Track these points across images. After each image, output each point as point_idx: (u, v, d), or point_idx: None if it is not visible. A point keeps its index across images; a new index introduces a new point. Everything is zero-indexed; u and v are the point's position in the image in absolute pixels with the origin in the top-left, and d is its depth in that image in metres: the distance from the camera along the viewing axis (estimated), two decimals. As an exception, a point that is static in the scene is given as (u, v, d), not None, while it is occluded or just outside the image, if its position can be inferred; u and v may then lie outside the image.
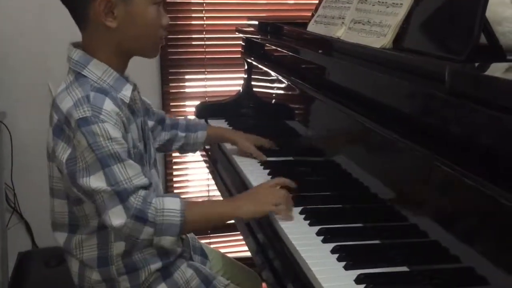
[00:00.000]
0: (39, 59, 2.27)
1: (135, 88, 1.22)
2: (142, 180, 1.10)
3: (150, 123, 1.43)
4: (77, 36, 1.20)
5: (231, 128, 1.87)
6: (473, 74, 0.79)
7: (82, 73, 1.14)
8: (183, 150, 1.58)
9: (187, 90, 2.53)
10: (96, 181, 1.06)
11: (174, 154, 2.50)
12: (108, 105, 1.10)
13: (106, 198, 1.07)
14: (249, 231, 1.24)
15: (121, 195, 1.07)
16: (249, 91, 2.08)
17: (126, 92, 1.17)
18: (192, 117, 2.29)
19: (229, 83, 2.50)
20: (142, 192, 1.09)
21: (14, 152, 2.28)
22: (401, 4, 1.18)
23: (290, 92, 1.72)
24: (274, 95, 1.89)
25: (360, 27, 1.32)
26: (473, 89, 0.73)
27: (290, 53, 1.62)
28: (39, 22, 2.25)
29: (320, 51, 1.33)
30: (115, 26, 1.13)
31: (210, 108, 2.06)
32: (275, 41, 1.76)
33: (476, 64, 0.85)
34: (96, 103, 1.08)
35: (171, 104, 2.49)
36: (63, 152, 1.10)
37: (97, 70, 1.14)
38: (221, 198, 1.68)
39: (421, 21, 1.11)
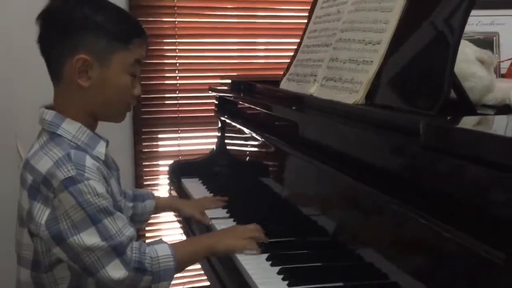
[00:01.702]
0: (6, 120, 2.23)
1: (107, 144, 1.21)
2: (130, 230, 1.12)
3: None
4: (45, 96, 1.20)
5: (205, 187, 1.85)
6: (447, 127, 0.80)
7: (57, 132, 1.13)
8: (131, 222, 1.49)
9: (160, 149, 2.51)
10: (90, 238, 1.05)
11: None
12: (90, 162, 1.09)
13: (102, 255, 1.06)
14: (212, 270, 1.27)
15: (118, 249, 1.07)
16: (223, 149, 2.07)
17: (101, 149, 1.17)
18: (164, 176, 2.28)
19: (202, 142, 2.50)
20: (135, 244, 1.11)
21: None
22: (372, 61, 1.20)
23: (264, 150, 1.72)
24: (248, 152, 1.89)
25: (332, 84, 1.34)
26: (446, 141, 0.74)
27: (264, 110, 1.63)
28: (5, 83, 2.22)
29: (293, 107, 1.34)
30: (87, 86, 1.13)
31: (183, 167, 2.04)
32: (248, 99, 1.77)
33: (448, 118, 0.87)
34: (78, 161, 1.08)
35: (144, 163, 2.46)
36: (41, 214, 1.07)
37: (71, 129, 1.14)
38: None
39: (392, 77, 1.13)
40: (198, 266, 1.45)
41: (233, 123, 1.91)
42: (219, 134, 2.08)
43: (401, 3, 1.18)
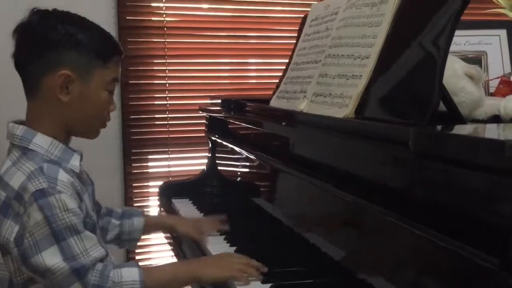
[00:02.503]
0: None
1: (81, 157, 1.20)
2: (99, 251, 1.07)
3: None
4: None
5: (195, 207, 1.83)
6: (437, 133, 0.79)
7: (29, 147, 1.12)
8: (120, 241, 1.46)
9: (150, 170, 2.49)
10: (51, 257, 1.02)
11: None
12: (63, 175, 1.07)
13: (62, 278, 1.02)
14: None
15: (79, 272, 1.03)
16: (213, 169, 2.06)
17: (75, 162, 1.16)
18: (154, 198, 2.26)
19: (193, 162, 2.49)
20: (99, 266, 1.06)
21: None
22: (360, 75, 1.20)
23: (256, 168, 1.71)
24: (239, 172, 1.88)
25: (322, 100, 1.34)
26: (437, 147, 0.73)
27: (255, 128, 1.63)
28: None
29: (284, 123, 1.33)
30: (66, 101, 1.13)
31: (174, 188, 2.02)
32: (239, 117, 1.77)
33: (439, 127, 0.86)
34: (51, 174, 1.06)
35: (133, 185, 2.43)
36: (11, 231, 1.05)
37: (43, 143, 1.13)
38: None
39: (381, 90, 1.13)
40: None
41: (224, 143, 1.90)
42: (210, 154, 2.07)
43: (389, 18, 1.18)
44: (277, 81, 1.73)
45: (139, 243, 2.35)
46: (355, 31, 1.29)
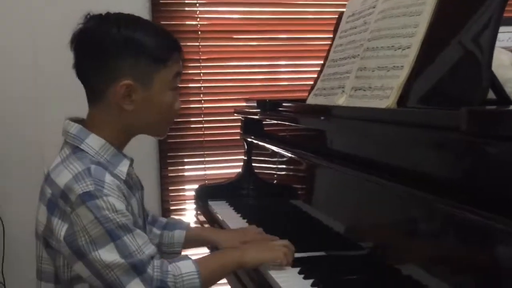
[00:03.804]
0: (33, 149, 2.25)
1: (131, 163, 1.19)
2: (151, 248, 1.08)
3: None
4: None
5: (232, 209, 1.81)
6: (491, 111, 0.75)
7: (80, 147, 1.11)
8: (161, 252, 1.42)
9: (186, 173, 2.49)
10: (109, 254, 1.02)
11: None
12: (109, 178, 1.07)
13: (121, 274, 1.02)
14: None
15: (138, 268, 1.03)
16: (249, 171, 2.04)
17: (123, 168, 1.15)
18: (191, 201, 2.25)
19: (228, 165, 2.47)
20: (156, 262, 1.07)
21: (6, 243, 2.19)
22: (402, 66, 1.17)
23: (294, 167, 1.68)
24: (276, 173, 1.85)
25: (361, 94, 1.31)
26: (493, 126, 0.68)
27: (293, 125, 1.60)
28: (35, 110, 2.25)
29: (322, 117, 1.30)
30: (131, 109, 1.12)
31: (210, 190, 2.01)
32: (276, 115, 1.74)
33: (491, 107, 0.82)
34: (98, 176, 1.05)
35: (170, 188, 2.44)
36: (59, 229, 1.05)
37: (94, 145, 1.12)
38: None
39: (425, 80, 1.10)
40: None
41: (261, 143, 1.88)
42: (245, 157, 2.05)
43: (431, 6, 1.15)
44: (313, 83, 1.71)
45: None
46: (395, 21, 1.26)
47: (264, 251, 1.19)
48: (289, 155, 1.64)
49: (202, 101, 2.49)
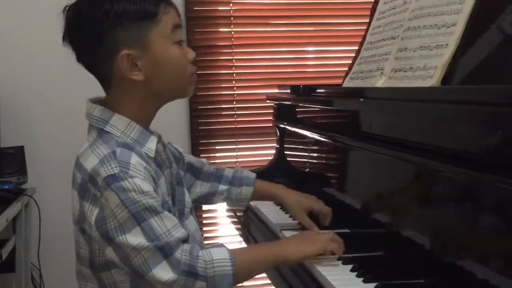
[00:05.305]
0: (68, 134, 2.26)
1: (159, 139, 1.16)
2: (180, 232, 1.04)
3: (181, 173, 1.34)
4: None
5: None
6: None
7: (105, 129, 1.09)
8: (228, 203, 1.45)
9: (218, 160, 2.48)
10: (135, 238, 0.99)
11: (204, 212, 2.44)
12: (135, 160, 1.04)
13: (148, 257, 1.00)
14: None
15: (164, 251, 1.00)
16: (282, 158, 2.01)
17: (151, 145, 1.12)
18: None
19: (260, 153, 2.45)
20: (186, 246, 1.03)
21: (42, 229, 2.21)
22: (447, 44, 1.12)
23: (327, 155, 1.64)
24: (309, 160, 1.82)
25: (402, 75, 1.26)
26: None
27: (330, 108, 1.55)
28: (67, 98, 2.26)
29: (362, 99, 1.25)
30: (143, 79, 1.09)
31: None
32: (310, 98, 1.70)
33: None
34: (123, 158, 1.03)
35: (202, 175, 2.43)
36: (91, 214, 1.03)
37: (119, 125, 1.09)
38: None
39: (473, 57, 1.05)
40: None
41: (294, 129, 1.85)
42: (278, 145, 2.02)
43: (478, -20, 1.10)
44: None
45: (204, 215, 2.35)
46: (439, -1, 1.21)
47: (306, 244, 1.11)
48: (324, 139, 1.60)
49: (234, 88, 2.47)
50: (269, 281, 1.35)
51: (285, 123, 1.93)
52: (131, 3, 1.07)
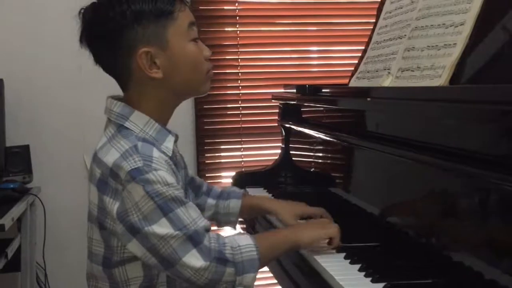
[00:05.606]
0: (74, 133, 2.27)
1: (176, 139, 1.17)
2: (205, 221, 1.06)
3: None
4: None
5: (271, 195, 1.78)
6: None
7: (124, 125, 1.10)
8: (218, 221, 1.42)
9: (223, 160, 2.47)
10: (162, 228, 1.01)
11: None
12: (157, 153, 1.06)
13: (177, 246, 1.01)
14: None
15: (194, 239, 1.02)
16: (287, 158, 2.01)
17: (169, 144, 1.13)
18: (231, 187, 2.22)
19: (265, 153, 2.44)
20: (212, 234, 1.05)
21: (47, 228, 2.22)
22: (455, 44, 1.11)
23: (332, 155, 1.63)
24: (314, 159, 1.81)
25: (409, 74, 1.25)
26: None
27: (335, 107, 1.55)
28: (75, 97, 2.26)
29: (369, 99, 1.24)
30: (162, 76, 1.10)
31: (248, 177, 1.98)
32: (316, 98, 1.70)
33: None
34: (145, 152, 1.04)
35: (207, 175, 2.43)
36: (111, 208, 1.04)
37: (139, 122, 1.11)
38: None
39: (481, 57, 1.04)
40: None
41: (299, 128, 1.85)
42: (283, 145, 2.02)
43: (486, -21, 1.09)
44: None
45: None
46: (447, -2, 1.20)
47: (317, 228, 1.17)
48: (330, 139, 1.59)
49: (240, 87, 2.46)
50: (274, 281, 1.36)
51: (291, 122, 1.93)
52: (147, 2, 1.08)
